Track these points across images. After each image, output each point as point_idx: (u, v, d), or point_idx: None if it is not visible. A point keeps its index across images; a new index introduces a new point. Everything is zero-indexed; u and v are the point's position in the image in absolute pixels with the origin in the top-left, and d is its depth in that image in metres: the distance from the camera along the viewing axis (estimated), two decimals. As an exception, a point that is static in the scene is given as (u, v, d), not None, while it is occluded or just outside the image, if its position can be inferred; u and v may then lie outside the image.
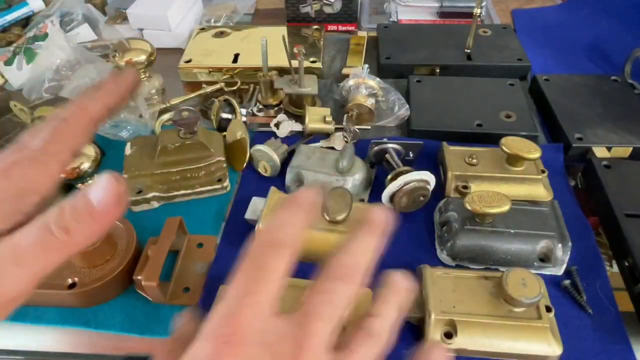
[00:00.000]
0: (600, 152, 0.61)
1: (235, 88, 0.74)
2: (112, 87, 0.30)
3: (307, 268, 0.54)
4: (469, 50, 0.78)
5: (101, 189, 0.22)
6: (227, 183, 0.60)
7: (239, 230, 0.55)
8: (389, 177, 0.55)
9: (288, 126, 0.66)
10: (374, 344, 0.24)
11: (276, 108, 0.70)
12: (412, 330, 0.45)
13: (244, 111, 0.69)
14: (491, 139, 0.61)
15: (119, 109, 0.30)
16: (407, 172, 0.54)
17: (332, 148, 0.64)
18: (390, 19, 0.94)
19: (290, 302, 0.43)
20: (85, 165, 0.55)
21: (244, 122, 0.66)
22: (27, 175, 0.24)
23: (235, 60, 0.78)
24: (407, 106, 0.68)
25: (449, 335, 0.43)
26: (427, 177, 0.54)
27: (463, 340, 0.43)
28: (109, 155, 0.63)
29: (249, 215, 0.54)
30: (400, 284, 0.26)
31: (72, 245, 0.22)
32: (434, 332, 0.43)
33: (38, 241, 0.22)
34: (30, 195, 0.24)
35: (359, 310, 0.25)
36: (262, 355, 0.21)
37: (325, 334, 0.22)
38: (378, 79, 0.69)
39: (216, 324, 0.21)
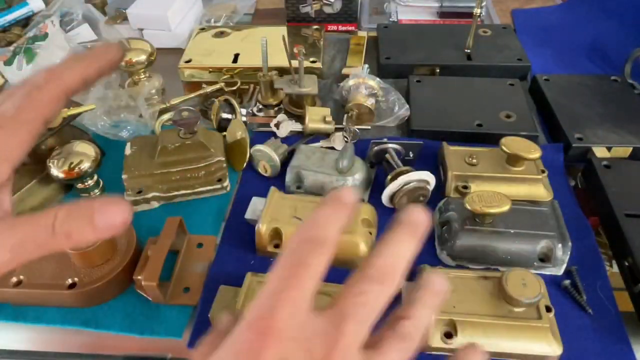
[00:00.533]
0: (600, 152, 0.61)
1: (235, 88, 0.74)
2: (92, 59, 0.30)
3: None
4: (469, 50, 0.78)
5: (110, 216, 0.24)
6: (227, 183, 0.60)
7: (239, 230, 0.55)
8: (389, 177, 0.55)
9: (288, 126, 0.66)
10: (405, 347, 0.24)
11: (276, 108, 0.70)
12: (412, 330, 0.45)
13: (244, 111, 0.69)
14: (491, 139, 0.61)
15: (95, 81, 0.30)
16: (407, 172, 0.54)
17: (332, 148, 0.64)
18: (390, 19, 0.94)
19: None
20: (86, 165, 0.55)
21: (244, 122, 0.66)
22: (4, 143, 0.25)
23: (235, 60, 0.78)
24: (407, 106, 0.68)
25: (449, 335, 0.43)
26: (427, 177, 0.54)
27: (463, 340, 0.43)
28: (109, 155, 0.63)
29: (249, 215, 0.54)
30: (436, 285, 0.26)
31: (62, 246, 0.24)
32: (434, 332, 0.43)
33: (38, 237, 0.23)
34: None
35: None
36: (297, 350, 0.21)
37: (359, 335, 0.23)
38: (378, 79, 0.69)
39: (256, 315, 0.22)
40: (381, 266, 0.24)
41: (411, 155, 0.60)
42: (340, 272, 0.50)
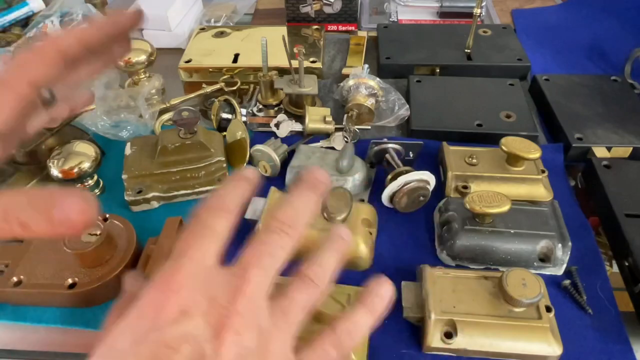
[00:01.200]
0: (600, 152, 0.61)
1: (235, 88, 0.74)
2: (95, 25, 0.30)
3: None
4: (469, 50, 0.78)
5: (70, 213, 0.23)
6: (227, 183, 0.60)
7: (238, 230, 0.55)
8: (389, 177, 0.55)
9: (288, 126, 0.66)
10: (310, 290, 0.25)
11: (276, 108, 0.70)
12: (412, 330, 0.45)
13: (244, 111, 0.69)
14: (491, 139, 0.61)
15: (102, 46, 0.30)
16: (407, 172, 0.54)
17: (332, 148, 0.64)
18: (390, 19, 0.94)
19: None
20: (86, 165, 0.55)
21: (244, 122, 0.66)
22: None
23: (235, 60, 0.78)
24: (407, 106, 0.68)
25: (449, 335, 0.43)
26: (427, 177, 0.54)
27: (463, 340, 0.43)
28: (109, 155, 0.63)
29: (249, 215, 0.54)
30: (341, 232, 0.28)
31: (16, 234, 0.23)
32: (434, 332, 0.43)
33: None
34: None
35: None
36: (199, 299, 0.22)
37: (263, 283, 0.24)
38: (378, 79, 0.69)
39: (160, 275, 0.23)
40: (281, 218, 0.26)
41: (411, 155, 0.60)
42: (341, 272, 0.50)
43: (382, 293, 0.27)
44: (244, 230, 0.54)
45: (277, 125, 0.67)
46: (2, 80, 0.27)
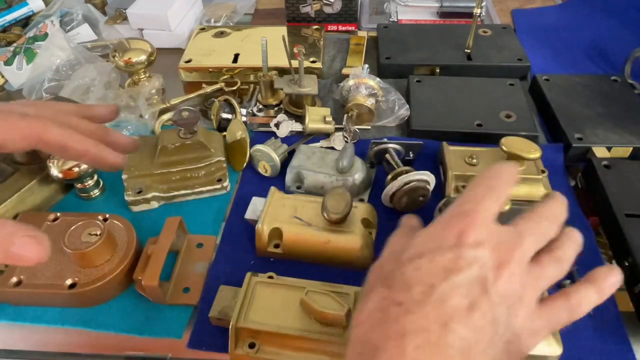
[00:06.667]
0: (600, 152, 0.61)
1: (235, 88, 0.74)
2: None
3: (307, 268, 0.54)
4: (469, 50, 0.78)
5: (28, 253, 0.30)
6: (227, 183, 0.60)
7: (238, 230, 0.55)
8: (389, 177, 0.55)
9: (288, 126, 0.66)
10: (560, 267, 0.31)
11: (276, 108, 0.70)
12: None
13: (244, 111, 0.69)
14: (491, 139, 0.61)
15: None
16: (407, 172, 0.54)
17: (332, 148, 0.64)
18: (390, 19, 0.94)
19: (293, 301, 0.44)
20: (85, 165, 0.55)
21: (244, 122, 0.66)
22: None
23: (235, 60, 0.78)
24: (407, 106, 0.68)
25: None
26: (427, 177, 0.54)
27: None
28: (109, 155, 0.63)
29: (248, 215, 0.54)
30: (576, 235, 0.33)
31: None
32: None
33: None
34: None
35: None
36: (490, 238, 0.28)
37: (531, 249, 0.30)
38: (378, 79, 0.69)
39: (461, 206, 0.30)
40: (550, 210, 0.32)
41: (411, 155, 0.60)
42: (341, 272, 0.50)
43: (613, 281, 0.32)
44: (244, 230, 0.54)
45: (277, 125, 0.67)
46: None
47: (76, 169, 0.55)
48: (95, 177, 0.59)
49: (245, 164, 0.62)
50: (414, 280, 0.27)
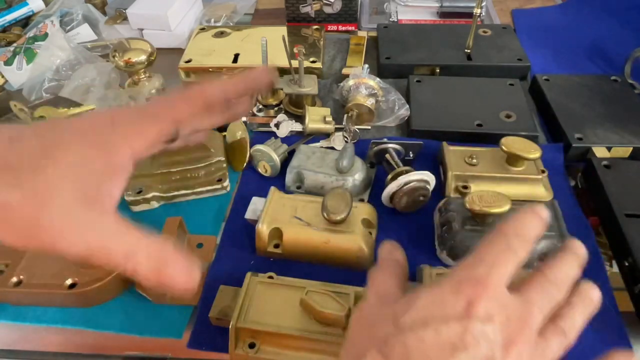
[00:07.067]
0: (600, 152, 0.61)
1: (235, 88, 0.74)
2: (236, 79, 0.37)
3: (307, 268, 0.54)
4: (469, 50, 0.78)
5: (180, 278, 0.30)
6: (227, 183, 0.60)
7: (238, 230, 0.55)
8: (389, 177, 0.55)
9: (288, 126, 0.66)
10: (564, 340, 0.29)
11: (276, 108, 0.70)
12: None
13: (244, 111, 0.69)
14: (491, 139, 0.61)
15: (237, 96, 0.38)
16: (407, 172, 0.54)
17: (332, 148, 0.64)
18: (390, 19, 0.94)
19: (293, 301, 0.44)
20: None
21: (244, 122, 0.66)
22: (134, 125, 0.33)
23: (235, 60, 0.78)
24: (407, 106, 0.68)
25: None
26: (427, 177, 0.54)
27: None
28: (109, 155, 0.63)
29: (249, 215, 0.54)
30: (591, 295, 0.32)
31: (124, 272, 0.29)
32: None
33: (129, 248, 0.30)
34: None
35: None
36: (501, 312, 0.26)
37: (539, 324, 0.28)
38: (378, 79, 0.69)
39: (471, 271, 0.27)
40: (557, 277, 0.30)
41: (411, 155, 0.60)
42: (341, 272, 0.50)
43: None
44: (244, 230, 0.54)
45: (277, 125, 0.67)
46: (153, 112, 0.34)
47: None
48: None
49: (245, 164, 0.62)
50: (417, 354, 0.25)
